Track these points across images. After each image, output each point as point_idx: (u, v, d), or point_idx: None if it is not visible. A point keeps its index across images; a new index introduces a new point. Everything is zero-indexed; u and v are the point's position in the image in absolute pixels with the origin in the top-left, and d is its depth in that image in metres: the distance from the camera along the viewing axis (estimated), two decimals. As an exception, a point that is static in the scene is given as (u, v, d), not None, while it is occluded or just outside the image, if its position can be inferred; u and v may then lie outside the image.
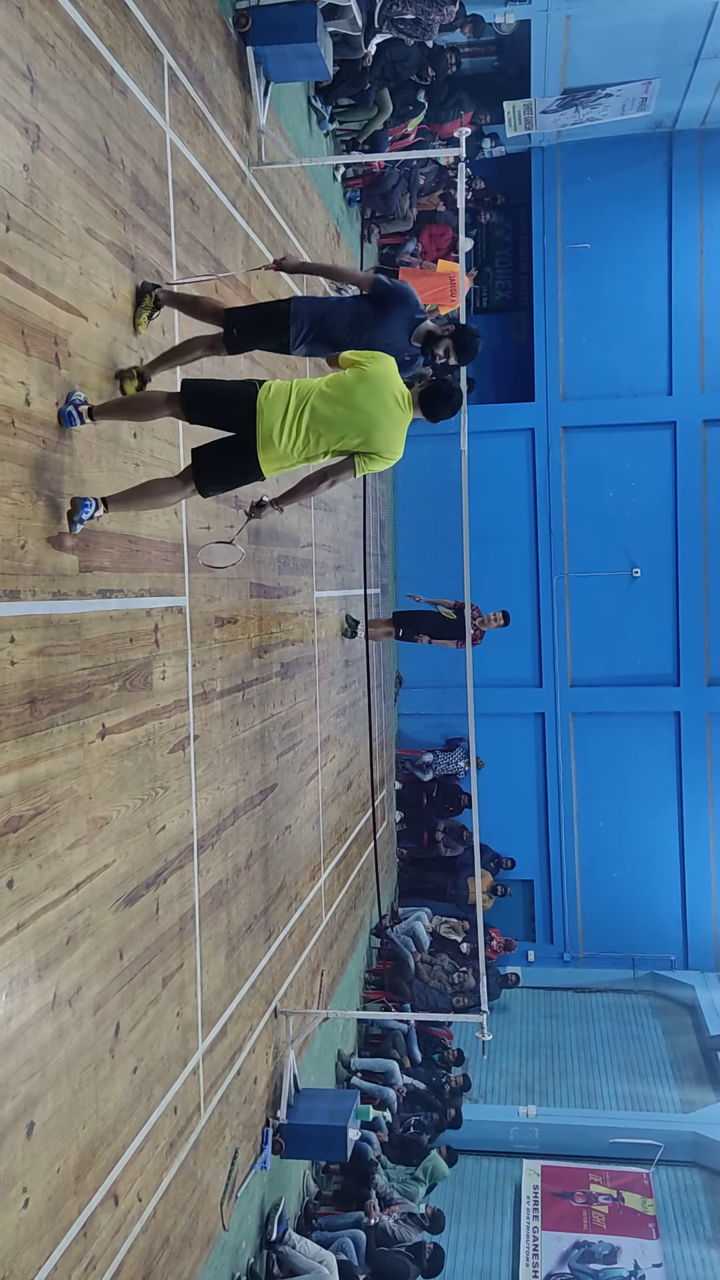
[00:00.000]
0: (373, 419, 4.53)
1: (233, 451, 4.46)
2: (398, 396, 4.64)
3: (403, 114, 11.51)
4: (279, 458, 4.43)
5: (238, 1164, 6.49)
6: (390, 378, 4.66)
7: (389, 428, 4.62)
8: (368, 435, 4.54)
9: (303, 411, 4.41)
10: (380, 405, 4.56)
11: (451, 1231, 10.14)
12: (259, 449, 4.38)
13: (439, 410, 4.79)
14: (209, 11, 6.36)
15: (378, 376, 4.61)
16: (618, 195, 15.83)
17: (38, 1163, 3.82)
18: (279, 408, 4.38)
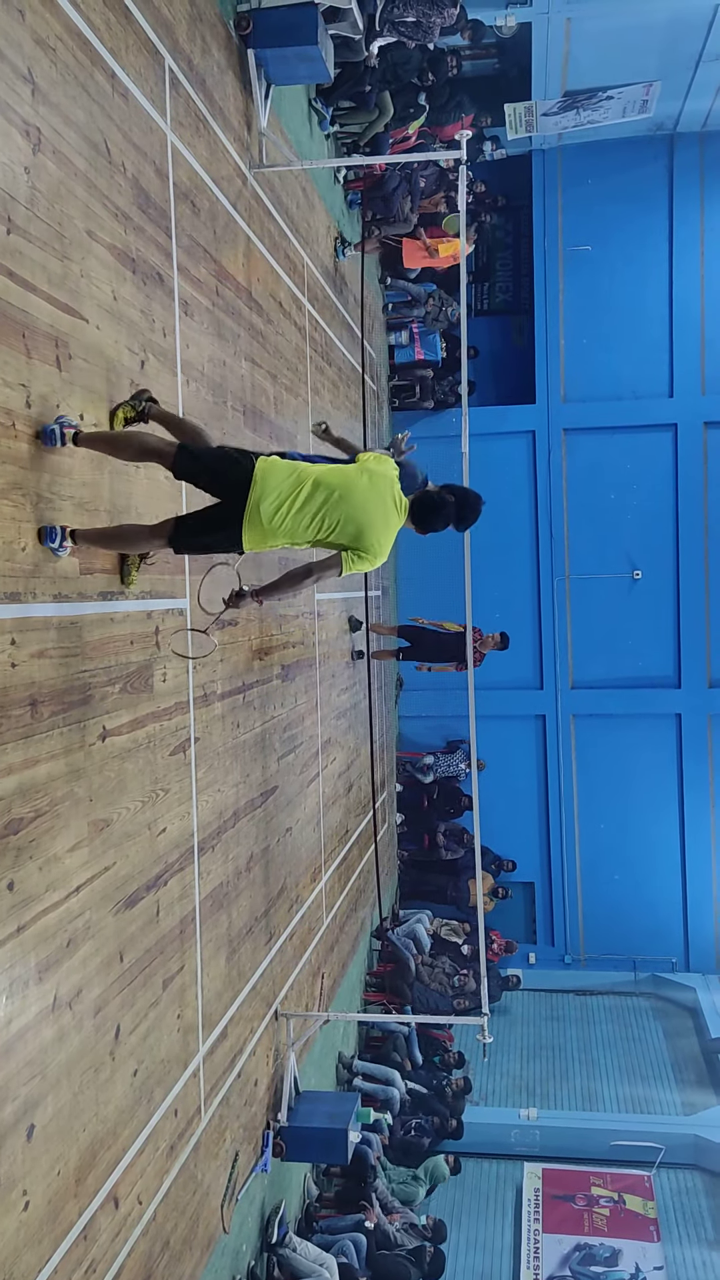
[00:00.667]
0: (369, 516, 4.41)
1: (218, 518, 4.29)
2: (395, 500, 4.58)
3: (404, 117, 11.52)
4: (263, 535, 4.26)
5: (238, 1166, 6.48)
6: (392, 480, 4.63)
7: (382, 529, 4.49)
8: (361, 532, 4.39)
9: (299, 494, 4.28)
10: (379, 504, 4.47)
11: (452, 1234, 10.13)
12: (245, 521, 4.21)
13: (430, 521, 4.67)
14: (210, 14, 6.36)
15: (381, 476, 4.56)
16: (619, 198, 15.83)
17: (38, 1165, 3.82)
18: (275, 484, 4.23)
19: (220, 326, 6.39)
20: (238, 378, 6.76)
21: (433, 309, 14.35)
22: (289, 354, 8.36)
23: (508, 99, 14.30)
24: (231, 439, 6.52)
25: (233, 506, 4.22)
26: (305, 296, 9.06)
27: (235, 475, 4.22)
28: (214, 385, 6.21)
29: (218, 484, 4.28)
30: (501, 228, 16.66)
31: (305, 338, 9.04)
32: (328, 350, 10.15)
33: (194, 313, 5.85)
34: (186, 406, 5.63)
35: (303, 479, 4.32)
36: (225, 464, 4.28)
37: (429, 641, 11.88)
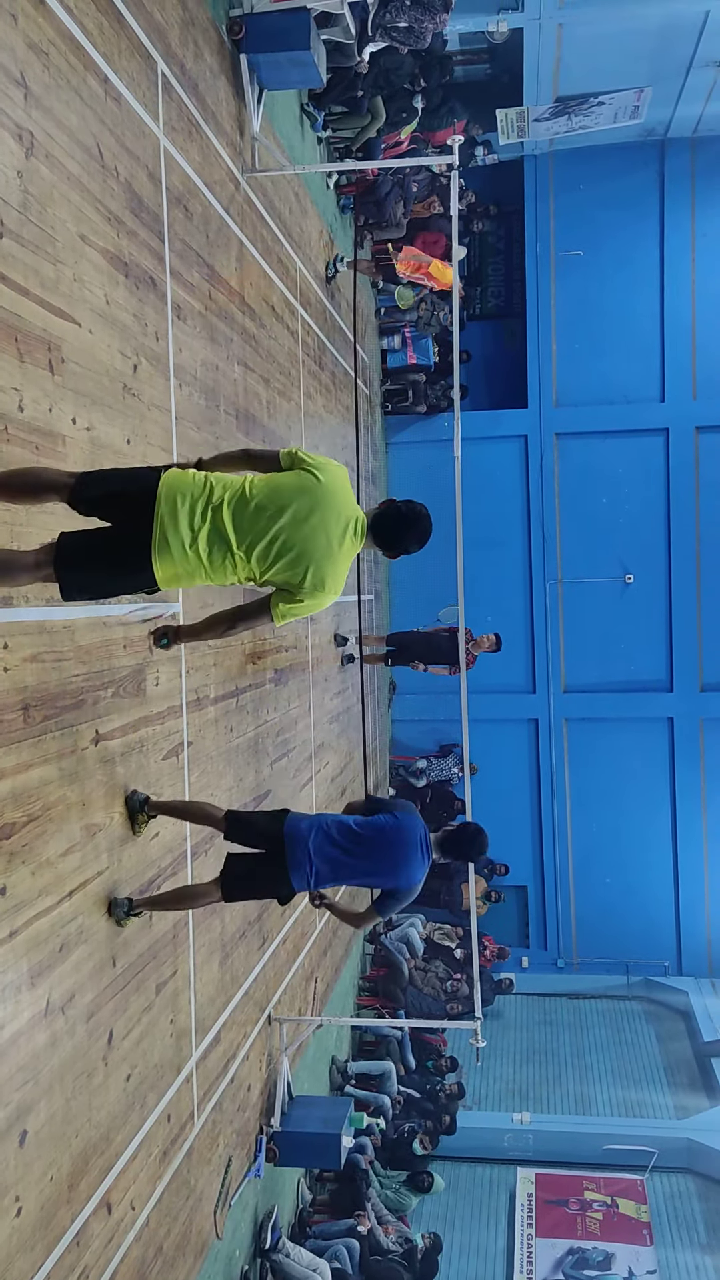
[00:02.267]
0: (310, 546, 3.44)
1: (116, 548, 3.34)
2: (350, 521, 3.57)
3: (396, 121, 11.54)
4: (176, 571, 3.36)
5: (231, 1172, 6.47)
6: (344, 494, 3.56)
7: (325, 560, 3.49)
8: (297, 563, 3.44)
9: (216, 513, 3.35)
10: (327, 524, 3.49)
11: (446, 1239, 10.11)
12: (155, 552, 3.29)
13: (401, 541, 3.69)
14: (202, 19, 6.37)
15: (329, 493, 3.51)
16: (610, 203, 15.88)
17: (30, 1171, 3.81)
18: (183, 505, 3.32)
19: (213, 331, 6.39)
20: (230, 382, 6.76)
21: (425, 313, 14.37)
22: (282, 358, 8.36)
23: (500, 104, 14.34)
24: (224, 443, 6.52)
25: (135, 534, 3.31)
26: (298, 301, 9.06)
27: (134, 498, 3.33)
28: (207, 389, 6.21)
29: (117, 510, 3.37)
30: (493, 233, 16.70)
31: (298, 342, 9.05)
32: (320, 354, 10.15)
33: (187, 317, 5.86)
34: (179, 410, 5.63)
35: (215, 500, 3.37)
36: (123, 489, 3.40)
37: (418, 644, 11.88)
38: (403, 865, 4.67)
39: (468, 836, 4.86)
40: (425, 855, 4.70)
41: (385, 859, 4.66)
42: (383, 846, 4.66)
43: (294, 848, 4.57)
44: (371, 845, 4.65)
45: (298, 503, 3.45)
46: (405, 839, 4.67)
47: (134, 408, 4.94)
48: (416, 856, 4.67)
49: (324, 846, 4.59)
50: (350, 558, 3.63)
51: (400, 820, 4.73)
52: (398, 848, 4.66)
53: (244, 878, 4.68)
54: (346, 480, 3.64)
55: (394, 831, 4.69)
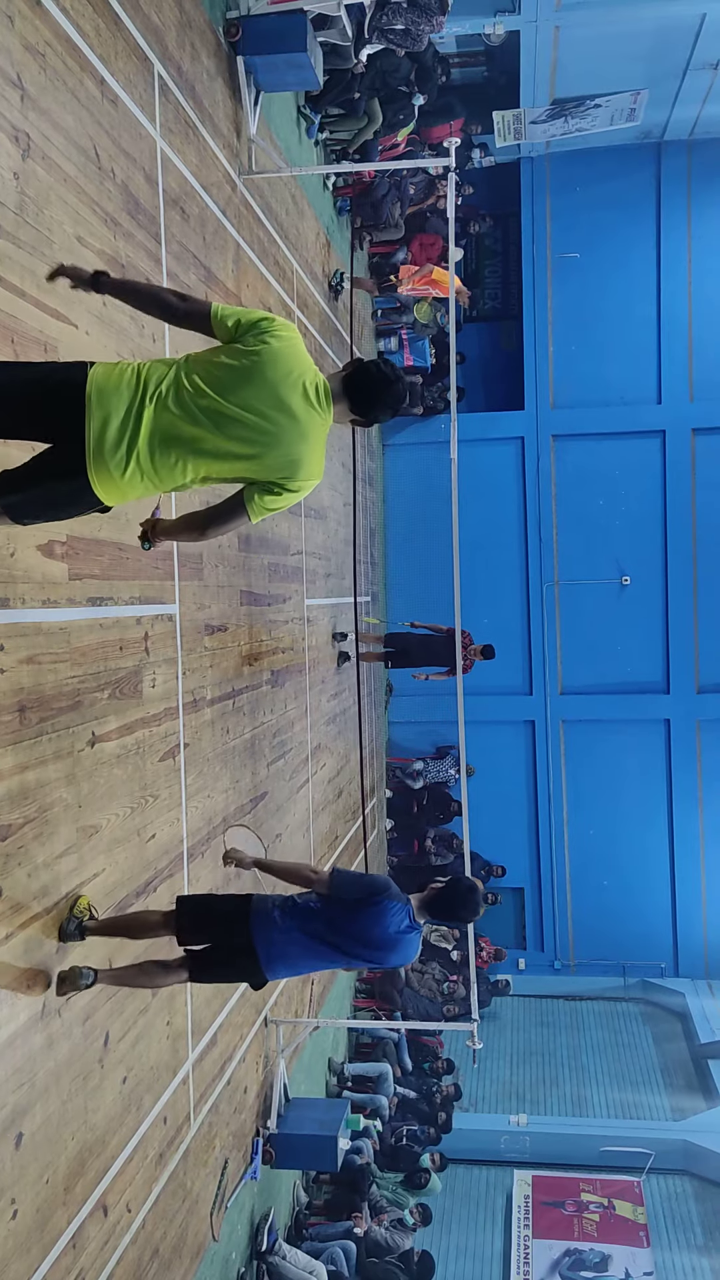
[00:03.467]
0: (270, 428, 2.98)
1: (47, 467, 2.94)
2: (309, 390, 3.04)
3: (393, 124, 11.55)
4: (118, 484, 2.92)
5: (228, 1174, 6.46)
6: (298, 359, 3.04)
7: (295, 441, 3.02)
8: (261, 454, 2.99)
9: (156, 409, 2.89)
10: (289, 400, 2.99)
11: (442, 1240, 10.12)
12: (90, 464, 2.86)
13: (377, 401, 3.15)
14: (199, 21, 6.37)
15: (279, 359, 2.99)
16: (607, 205, 15.90)
17: (26, 1173, 3.80)
18: (118, 402, 2.87)
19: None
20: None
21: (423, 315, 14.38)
22: (278, 360, 8.35)
23: (496, 106, 14.35)
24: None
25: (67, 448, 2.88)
26: (295, 303, 9.07)
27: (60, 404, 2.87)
28: (203, 391, 6.21)
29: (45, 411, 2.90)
30: (490, 235, 16.71)
31: (294, 344, 9.04)
32: (318, 357, 10.15)
33: (183, 318, 5.85)
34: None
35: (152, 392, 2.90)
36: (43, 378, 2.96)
37: (416, 646, 11.88)
38: (390, 952, 4.23)
39: (459, 896, 4.25)
40: (413, 927, 4.22)
41: (368, 950, 4.21)
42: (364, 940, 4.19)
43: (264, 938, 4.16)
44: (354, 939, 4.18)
45: (252, 378, 2.96)
46: (388, 928, 4.17)
47: (131, 409, 4.94)
48: (405, 937, 4.20)
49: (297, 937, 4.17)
50: (323, 434, 3.12)
51: (382, 907, 4.18)
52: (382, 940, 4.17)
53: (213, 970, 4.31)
54: (298, 339, 3.10)
55: (374, 923, 4.16)
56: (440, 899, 4.25)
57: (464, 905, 4.23)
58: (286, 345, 3.03)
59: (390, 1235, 9.00)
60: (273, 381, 2.97)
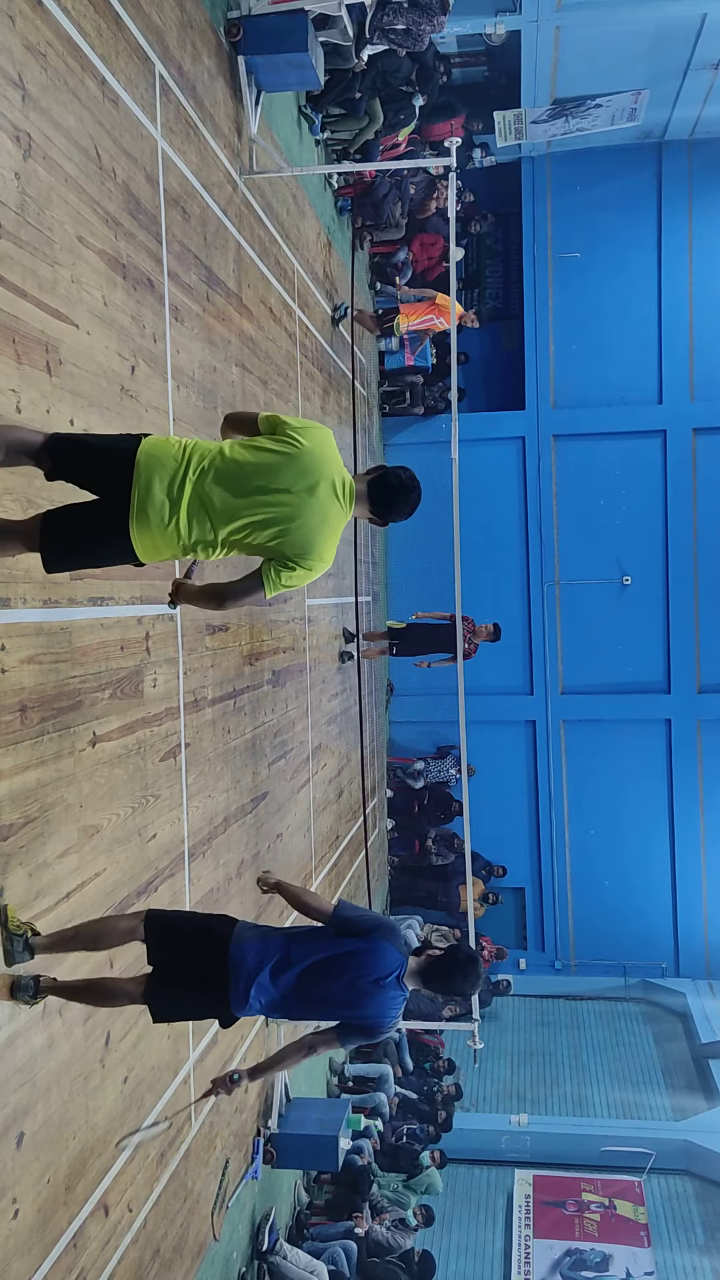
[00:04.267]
0: (297, 512, 3.32)
1: (94, 522, 3.26)
2: (336, 485, 3.42)
3: (394, 124, 11.55)
4: (155, 543, 3.26)
5: (229, 1174, 6.47)
6: (330, 460, 3.42)
7: (316, 527, 3.37)
8: (285, 533, 3.33)
9: (197, 483, 3.24)
10: (316, 492, 3.36)
11: (443, 1240, 10.13)
12: (132, 523, 3.20)
13: (394, 507, 3.56)
14: (200, 21, 6.37)
15: (312, 456, 3.37)
16: (608, 205, 15.90)
17: (28, 1173, 3.80)
18: (163, 473, 3.21)
19: (210, 332, 6.39)
20: (228, 383, 6.76)
21: (422, 315, 14.37)
22: (279, 360, 8.36)
23: (497, 106, 14.35)
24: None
25: (114, 505, 3.22)
26: (295, 303, 9.07)
27: (113, 466, 3.23)
28: (204, 391, 6.22)
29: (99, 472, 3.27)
30: (491, 235, 16.71)
31: (296, 343, 9.06)
32: (318, 356, 10.16)
33: (184, 318, 5.86)
34: (177, 412, 5.64)
35: (196, 465, 3.26)
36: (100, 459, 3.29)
37: (419, 634, 11.89)
38: (367, 1003, 3.81)
39: (458, 966, 3.90)
40: (399, 988, 3.85)
41: (347, 994, 3.81)
42: (345, 981, 3.79)
43: (237, 972, 3.74)
44: (335, 976, 3.80)
45: (285, 469, 3.33)
46: (375, 972, 3.80)
47: (131, 409, 4.95)
48: (387, 994, 3.82)
49: (276, 974, 3.76)
50: (340, 524, 3.48)
51: (375, 947, 3.82)
52: (364, 985, 3.79)
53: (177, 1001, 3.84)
54: (332, 442, 3.50)
55: (362, 963, 3.80)
56: (437, 967, 3.91)
57: (463, 976, 3.90)
58: (322, 444, 3.43)
59: (391, 1235, 9.01)
60: (306, 471, 3.34)
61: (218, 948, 3.76)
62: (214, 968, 3.73)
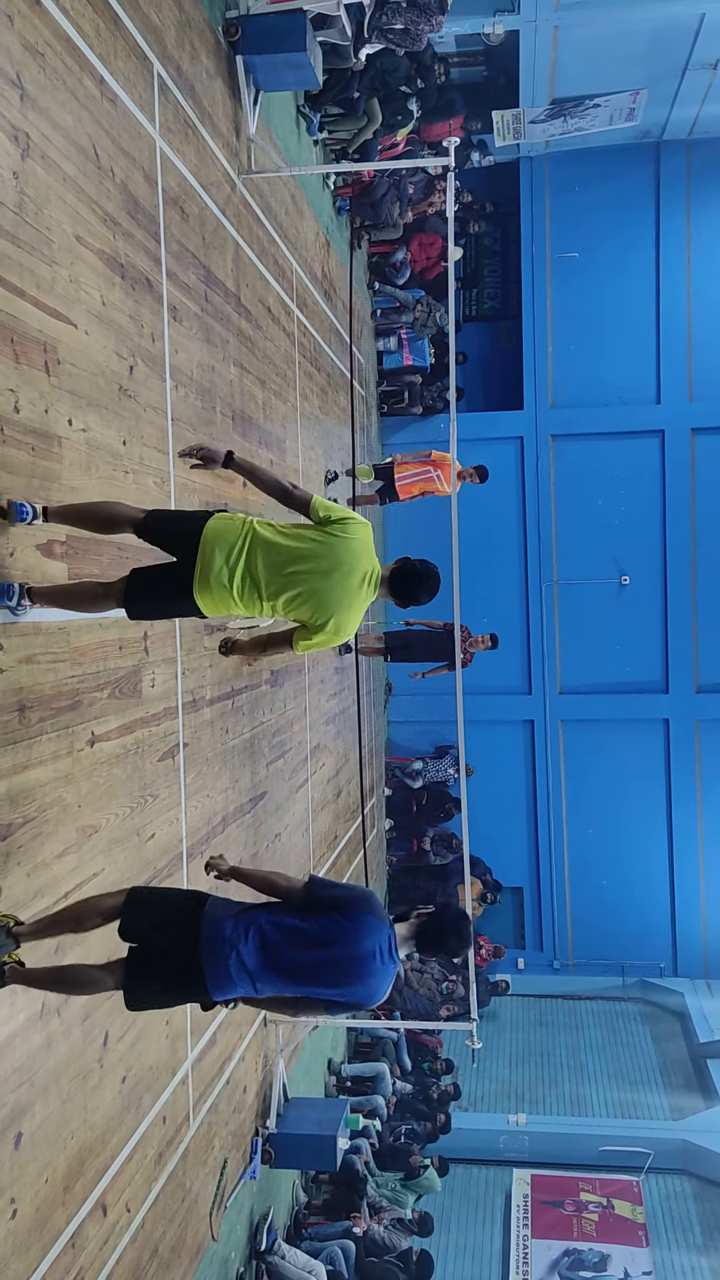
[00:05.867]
0: (330, 596, 3.94)
1: (168, 582, 3.91)
2: (368, 574, 4.03)
3: (392, 123, 11.55)
4: (214, 602, 3.90)
5: (227, 1174, 6.47)
6: (365, 554, 4.02)
7: (345, 608, 4.00)
8: (319, 609, 3.96)
9: (249, 560, 3.85)
10: (344, 583, 3.96)
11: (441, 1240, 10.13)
12: (195, 586, 3.84)
13: (413, 595, 4.16)
14: (198, 20, 6.37)
15: (350, 550, 3.97)
16: (606, 205, 15.91)
17: (25, 1173, 3.80)
18: (223, 549, 3.83)
19: (209, 332, 6.39)
20: (226, 383, 6.76)
21: (421, 315, 14.38)
22: (278, 360, 8.36)
23: (495, 106, 14.35)
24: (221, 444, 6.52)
25: (182, 570, 3.87)
26: (294, 302, 9.07)
27: (185, 539, 3.88)
28: (203, 391, 6.21)
29: (174, 542, 3.94)
30: (489, 234, 16.72)
31: (294, 343, 9.05)
32: (316, 356, 10.16)
33: (183, 318, 5.86)
34: (175, 412, 5.63)
35: (253, 544, 3.87)
36: (181, 521, 3.99)
37: (417, 642, 11.88)
38: (359, 979, 3.61)
39: (449, 924, 3.78)
40: (390, 959, 3.65)
41: (336, 971, 3.60)
42: (332, 958, 3.58)
43: (212, 953, 3.54)
44: (317, 955, 3.59)
45: (323, 558, 3.90)
46: (362, 946, 3.60)
47: (130, 409, 4.94)
48: (377, 965, 3.61)
49: (254, 953, 3.56)
50: (365, 606, 4.09)
51: (354, 920, 3.63)
52: (352, 959, 3.59)
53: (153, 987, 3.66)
54: (369, 536, 4.06)
55: (347, 937, 3.60)
56: (428, 928, 3.76)
57: (456, 935, 3.76)
58: (359, 540, 3.99)
59: (389, 1234, 9.01)
60: (341, 561, 3.92)
61: (191, 929, 3.58)
62: (187, 950, 3.55)
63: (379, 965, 3.62)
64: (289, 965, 3.58)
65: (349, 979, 3.61)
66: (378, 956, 3.61)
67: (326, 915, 3.64)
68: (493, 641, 11.39)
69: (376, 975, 3.63)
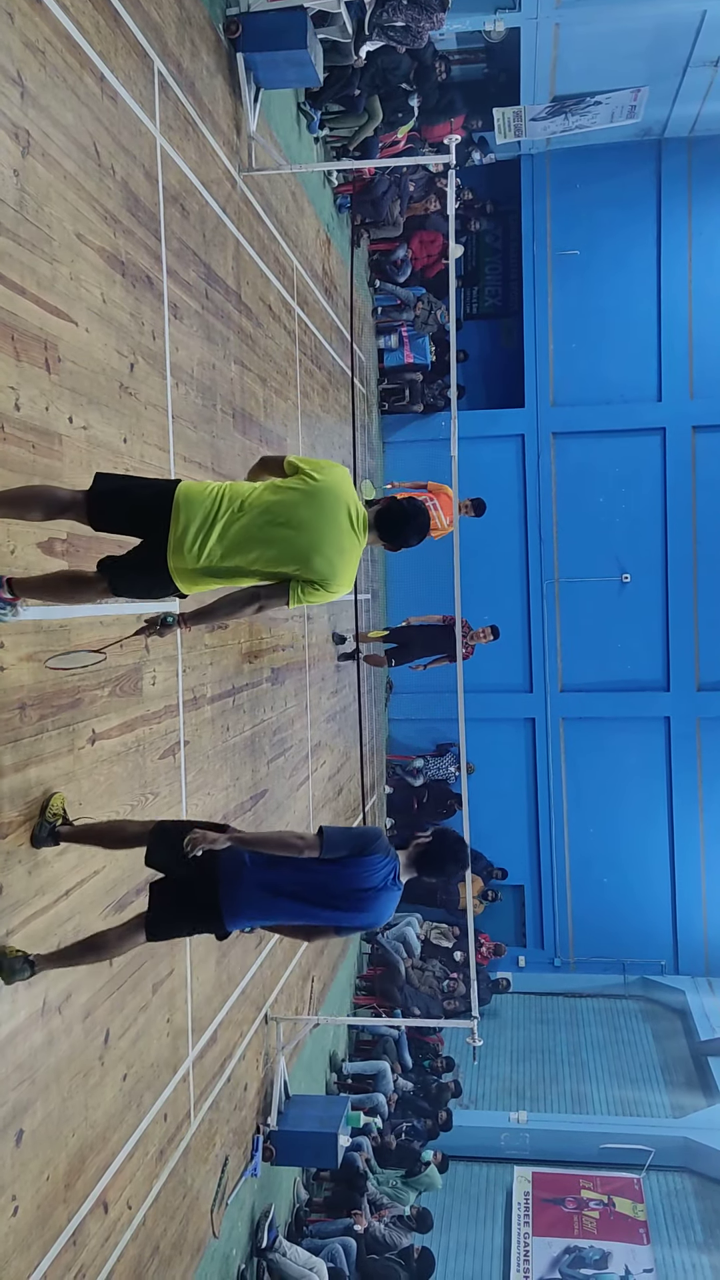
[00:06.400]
0: (316, 542, 3.69)
1: (142, 559, 3.67)
2: (351, 516, 3.79)
3: (392, 121, 11.54)
4: (194, 574, 3.65)
5: (228, 1171, 6.47)
6: (344, 494, 3.79)
7: (334, 555, 3.74)
8: (307, 560, 3.70)
9: (228, 520, 3.61)
10: (328, 527, 3.72)
11: (442, 1237, 10.13)
12: (169, 558, 3.59)
13: (402, 534, 3.92)
14: (199, 18, 6.37)
15: (327, 491, 3.74)
16: (607, 202, 15.89)
17: (27, 1170, 3.81)
18: (198, 511, 3.58)
19: (209, 330, 6.39)
20: (227, 381, 6.76)
21: (422, 313, 14.37)
22: (278, 357, 8.36)
23: (496, 104, 14.32)
24: (221, 442, 6.52)
25: (154, 544, 3.62)
26: (294, 300, 9.06)
27: (153, 509, 3.60)
28: (203, 388, 6.21)
29: (138, 519, 3.65)
30: (490, 232, 16.70)
31: (295, 341, 9.05)
32: (317, 354, 10.15)
33: (183, 316, 5.85)
34: (176, 409, 5.63)
35: (229, 505, 3.64)
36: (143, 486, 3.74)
37: (418, 639, 11.88)
38: (367, 908, 3.99)
39: (447, 848, 4.12)
40: (395, 886, 4.03)
41: (345, 902, 3.97)
42: (342, 891, 3.96)
43: (230, 886, 3.87)
44: (327, 884, 3.95)
45: (302, 507, 3.69)
46: (371, 881, 3.97)
47: (131, 406, 4.94)
48: (383, 894, 4.00)
49: (268, 882, 3.89)
50: (357, 552, 3.84)
51: (365, 859, 3.98)
52: (362, 892, 3.96)
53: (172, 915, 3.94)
54: (346, 477, 3.85)
55: (359, 876, 3.96)
56: (428, 853, 4.11)
57: (453, 858, 4.12)
58: (337, 479, 3.78)
59: (390, 1232, 9.02)
60: (323, 504, 3.71)
61: (210, 862, 3.87)
62: (207, 883, 3.86)
63: (385, 893, 4.00)
64: (303, 899, 3.92)
65: (357, 908, 3.98)
66: (384, 887, 3.99)
67: (339, 862, 3.94)
68: (494, 633, 11.38)
69: (382, 901, 4.01)
